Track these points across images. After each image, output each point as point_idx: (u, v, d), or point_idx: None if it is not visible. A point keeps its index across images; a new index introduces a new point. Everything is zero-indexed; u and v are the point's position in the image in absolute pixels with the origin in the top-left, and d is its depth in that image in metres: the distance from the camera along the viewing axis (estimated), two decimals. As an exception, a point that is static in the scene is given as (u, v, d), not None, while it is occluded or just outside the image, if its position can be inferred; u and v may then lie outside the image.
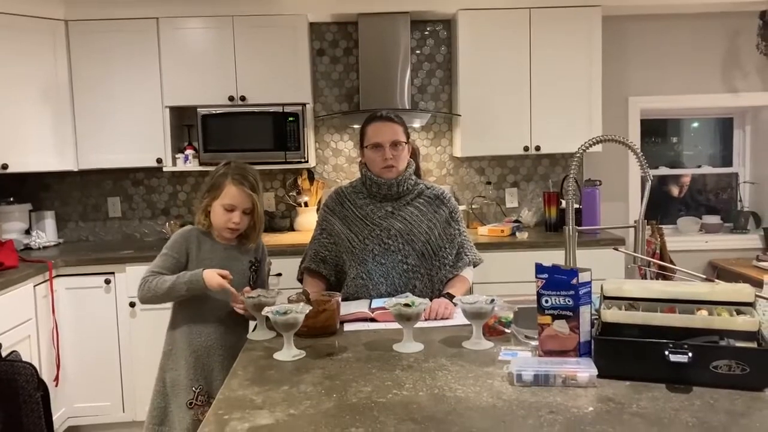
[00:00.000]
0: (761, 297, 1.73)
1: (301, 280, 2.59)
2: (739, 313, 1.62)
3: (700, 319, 1.60)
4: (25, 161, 3.80)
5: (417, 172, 2.58)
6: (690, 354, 1.49)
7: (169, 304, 2.31)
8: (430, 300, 2.27)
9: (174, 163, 4.08)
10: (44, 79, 3.87)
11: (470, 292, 2.57)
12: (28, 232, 4.09)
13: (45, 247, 4.05)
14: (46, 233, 4.13)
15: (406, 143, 2.46)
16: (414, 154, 2.58)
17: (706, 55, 4.48)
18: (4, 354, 2.92)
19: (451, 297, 2.31)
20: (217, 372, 2.20)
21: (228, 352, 2.20)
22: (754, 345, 1.53)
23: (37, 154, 3.85)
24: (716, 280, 1.84)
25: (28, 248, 3.98)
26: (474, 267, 2.61)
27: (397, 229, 2.43)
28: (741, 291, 1.66)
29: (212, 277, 2.12)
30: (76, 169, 4.03)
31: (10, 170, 3.73)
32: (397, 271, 2.42)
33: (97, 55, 3.95)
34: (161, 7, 3.94)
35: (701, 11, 4.36)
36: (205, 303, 2.22)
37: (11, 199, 4.05)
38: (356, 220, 2.47)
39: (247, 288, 2.21)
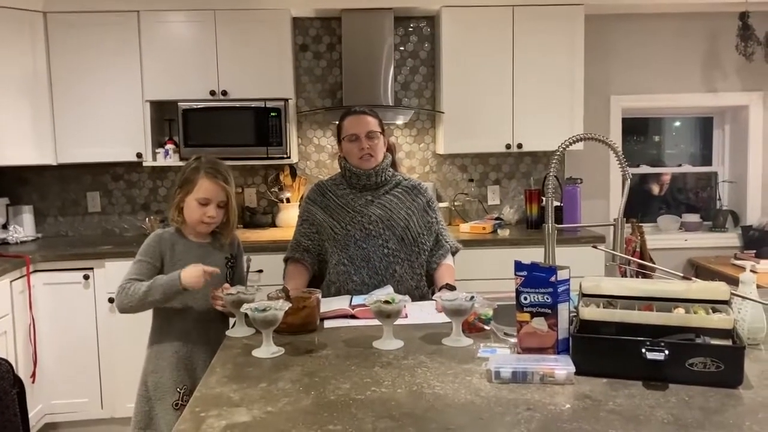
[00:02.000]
0: (737, 295, 1.75)
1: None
2: (715, 311, 1.64)
3: (677, 317, 1.61)
4: (2, 154, 3.75)
5: (393, 165, 2.68)
6: (666, 352, 1.50)
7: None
8: (420, 291, 2.42)
9: (154, 158, 4.04)
10: (22, 72, 3.82)
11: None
12: (5, 226, 4.04)
13: (23, 242, 4.01)
14: (24, 228, 4.08)
15: (381, 134, 2.57)
16: (390, 149, 2.69)
17: (687, 55, 4.52)
18: (-21, 350, 2.88)
19: (452, 288, 2.34)
20: (200, 370, 2.18)
21: (210, 349, 2.16)
22: (729, 343, 1.55)
23: (15, 147, 3.80)
24: (693, 279, 1.85)
25: (5, 243, 3.94)
26: (453, 255, 2.71)
27: (377, 216, 2.51)
28: (717, 289, 1.68)
29: (191, 273, 2.07)
30: (54, 163, 3.98)
31: (-14, 164, 3.68)
32: (378, 255, 2.49)
33: (76, 48, 3.91)
34: (142, 0, 3.90)
35: (682, 11, 4.40)
36: (184, 302, 2.20)
37: (-12, 193, 4.00)
38: (338, 209, 2.55)
39: (226, 284, 2.19)
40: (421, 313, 2.25)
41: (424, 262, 2.59)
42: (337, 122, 2.98)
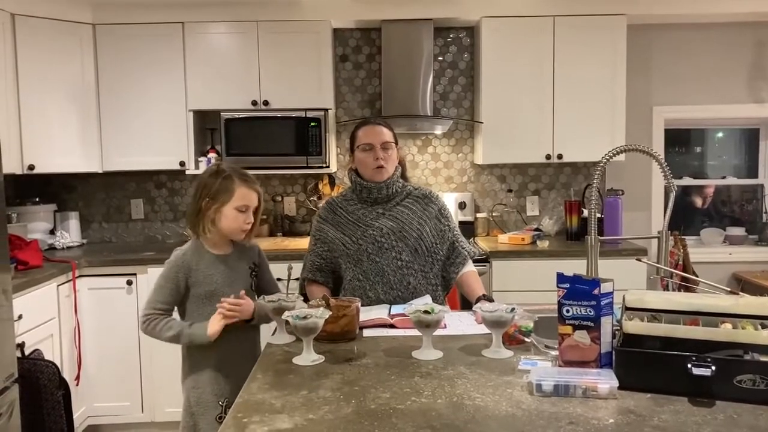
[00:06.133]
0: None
1: (304, 295, 2.60)
2: (764, 327, 1.60)
3: (724, 332, 1.58)
4: (51, 162, 3.86)
5: (403, 177, 2.66)
6: (713, 367, 1.47)
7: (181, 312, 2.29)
8: (437, 302, 2.34)
9: (197, 167, 4.12)
10: (71, 82, 3.93)
11: None
12: (52, 232, 4.14)
13: (69, 248, 4.11)
14: (70, 234, 4.19)
15: (395, 145, 2.56)
16: (401, 161, 2.66)
17: (732, 65, 4.43)
18: (27, 352, 2.96)
19: (490, 299, 2.33)
20: (240, 381, 2.17)
21: (248, 359, 2.15)
22: (779, 360, 1.51)
23: (63, 155, 3.92)
24: (741, 293, 1.81)
25: (52, 248, 4.04)
26: (472, 259, 2.67)
27: (389, 228, 2.50)
28: (766, 304, 1.63)
29: (214, 328, 2.12)
30: (100, 171, 4.09)
31: (36, 171, 3.79)
32: (392, 268, 2.47)
33: (123, 59, 4.01)
34: (187, 12, 3.99)
35: (727, 21, 4.32)
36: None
37: (37, 199, 4.12)
38: (349, 224, 2.54)
39: (242, 291, 2.18)
40: (459, 324, 2.24)
41: (439, 272, 2.58)
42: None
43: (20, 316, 2.99)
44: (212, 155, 4.12)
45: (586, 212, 4.10)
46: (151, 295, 2.22)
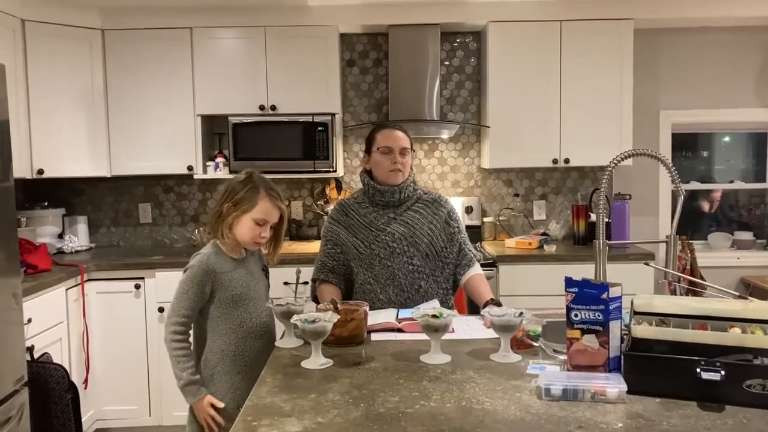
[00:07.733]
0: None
1: (315, 298, 2.60)
2: (773, 331, 1.60)
3: (733, 336, 1.58)
4: (60, 167, 3.89)
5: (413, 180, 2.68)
6: (722, 372, 1.46)
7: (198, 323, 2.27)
8: (447, 306, 2.39)
9: (204, 171, 4.13)
10: (80, 87, 3.96)
11: None
12: (61, 236, 4.17)
13: (77, 252, 4.13)
14: (79, 238, 4.21)
15: (412, 151, 2.60)
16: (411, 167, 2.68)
17: (739, 69, 4.42)
18: (36, 356, 2.98)
19: (498, 304, 2.33)
20: None
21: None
22: (788, 364, 1.51)
23: (72, 160, 3.94)
24: (750, 298, 1.81)
25: (60, 252, 4.06)
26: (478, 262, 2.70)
27: (400, 233, 2.52)
28: (775, 309, 1.63)
29: (203, 408, 2.12)
30: (109, 175, 4.11)
31: (45, 175, 3.81)
32: (403, 272, 2.50)
33: (131, 64, 4.04)
34: (195, 18, 4.01)
35: (735, 25, 4.31)
36: (240, 320, 2.18)
37: (45, 203, 4.14)
38: (361, 228, 2.56)
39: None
40: (467, 328, 2.24)
41: (450, 275, 2.61)
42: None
43: (29, 320, 3.00)
44: (220, 160, 4.14)
45: (593, 216, 4.10)
46: (174, 302, 2.16)
